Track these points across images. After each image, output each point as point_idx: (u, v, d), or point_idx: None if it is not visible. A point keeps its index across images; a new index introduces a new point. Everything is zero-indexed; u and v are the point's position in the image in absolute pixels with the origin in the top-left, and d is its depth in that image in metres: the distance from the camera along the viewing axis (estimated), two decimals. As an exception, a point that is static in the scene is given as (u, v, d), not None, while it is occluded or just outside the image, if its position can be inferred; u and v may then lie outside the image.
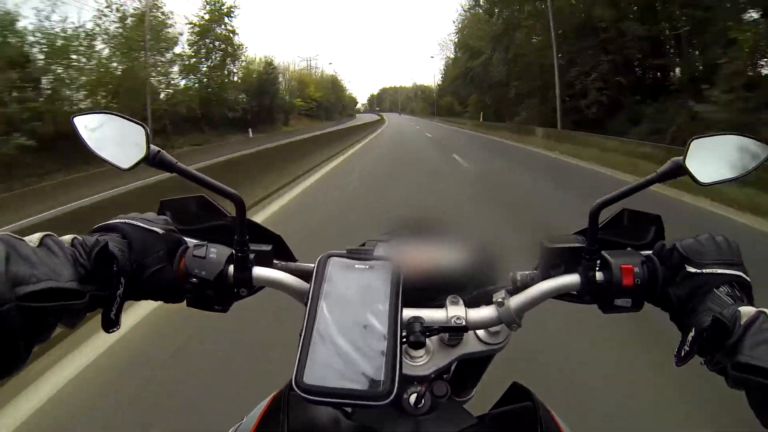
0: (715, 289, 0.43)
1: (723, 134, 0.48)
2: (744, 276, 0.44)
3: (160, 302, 0.49)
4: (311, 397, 0.36)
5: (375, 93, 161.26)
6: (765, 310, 0.39)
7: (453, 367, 0.55)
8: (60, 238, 0.40)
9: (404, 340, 0.43)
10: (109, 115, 0.48)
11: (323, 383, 0.36)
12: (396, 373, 0.37)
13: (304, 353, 0.37)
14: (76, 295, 0.37)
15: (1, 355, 0.32)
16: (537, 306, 0.49)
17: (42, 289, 0.34)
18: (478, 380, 0.58)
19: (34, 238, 0.38)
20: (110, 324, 0.42)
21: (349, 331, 0.39)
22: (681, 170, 0.45)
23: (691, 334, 0.42)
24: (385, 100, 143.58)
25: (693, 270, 0.45)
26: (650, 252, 0.49)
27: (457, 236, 0.52)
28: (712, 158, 0.47)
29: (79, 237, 0.41)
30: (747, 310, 0.39)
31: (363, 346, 0.38)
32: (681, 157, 0.45)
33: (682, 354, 0.43)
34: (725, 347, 0.39)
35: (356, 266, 0.44)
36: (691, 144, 0.46)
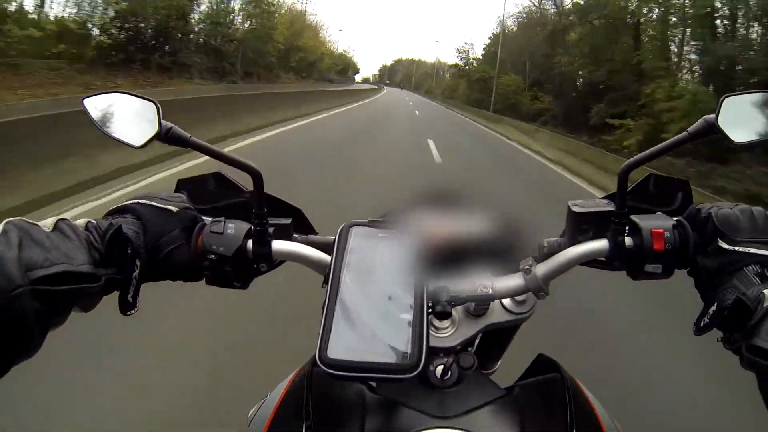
0: (744, 268, 0.42)
1: (756, 92, 0.46)
2: None
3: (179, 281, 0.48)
4: (336, 372, 0.34)
5: (388, 64, 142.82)
6: None
7: (478, 339, 0.54)
8: (74, 222, 0.40)
9: (430, 310, 0.42)
10: (119, 94, 0.48)
11: (348, 357, 0.35)
12: (423, 345, 0.35)
13: (328, 327, 0.36)
14: (90, 278, 0.37)
15: (16, 339, 0.32)
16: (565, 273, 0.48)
17: (56, 272, 0.34)
18: (503, 352, 0.57)
19: (47, 223, 0.37)
20: (127, 307, 0.42)
21: (373, 303, 0.38)
22: (713, 129, 0.44)
23: (713, 308, 0.42)
24: (398, 73, 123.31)
25: (725, 246, 0.43)
26: (681, 217, 0.47)
27: (481, 206, 0.51)
28: (745, 116, 0.46)
29: (93, 220, 0.41)
30: None
31: (388, 317, 0.37)
32: (713, 115, 0.44)
33: (701, 324, 0.42)
34: (744, 328, 0.38)
35: (379, 235, 0.43)
36: (723, 102, 0.44)
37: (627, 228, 0.47)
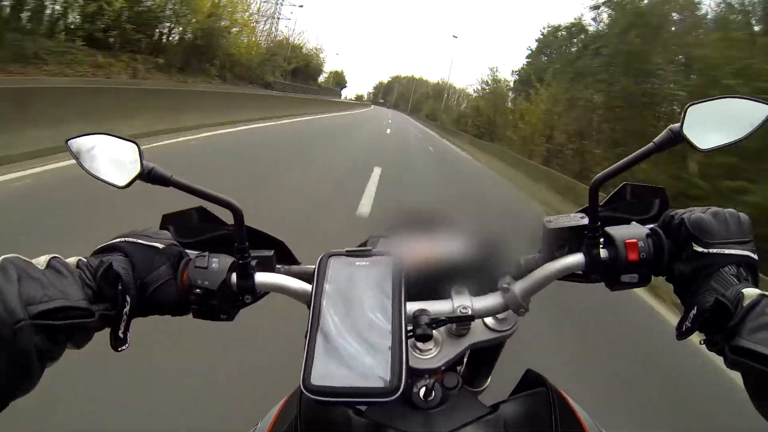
0: (720, 269, 0.43)
1: (719, 98, 0.47)
2: (751, 255, 0.44)
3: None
4: (319, 398, 0.35)
5: (385, 81, 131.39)
6: None
7: (466, 358, 0.54)
8: (65, 260, 0.41)
9: (411, 333, 0.42)
10: (102, 135, 0.49)
11: (330, 383, 0.36)
12: (402, 368, 0.36)
13: (310, 355, 0.37)
14: (86, 313, 0.38)
15: (17, 373, 0.33)
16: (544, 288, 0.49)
17: (55, 307, 0.35)
18: (491, 369, 0.58)
19: (41, 261, 0.38)
20: (119, 342, 0.43)
21: (353, 329, 0.39)
22: (679, 138, 0.44)
23: (693, 312, 0.42)
24: (393, 92, 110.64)
25: (699, 249, 0.44)
26: (655, 225, 0.48)
27: (459, 226, 0.52)
28: (710, 123, 0.46)
29: (83, 258, 0.42)
30: (750, 293, 0.39)
31: (368, 342, 0.38)
32: (678, 125, 0.44)
33: (683, 329, 0.43)
34: (726, 329, 0.39)
35: (357, 263, 0.44)
36: (688, 110, 0.45)
37: (602, 240, 0.48)
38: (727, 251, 0.43)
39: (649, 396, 2.29)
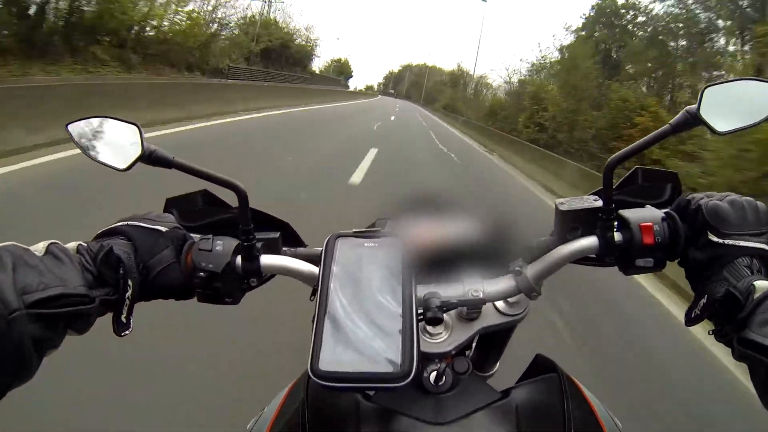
0: (734, 260, 0.42)
1: (737, 80, 0.46)
2: (766, 248, 0.43)
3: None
4: (328, 384, 0.35)
5: (396, 70, 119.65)
6: None
7: (475, 342, 0.54)
8: (65, 245, 0.40)
9: (421, 317, 0.42)
10: (102, 118, 0.48)
11: (339, 368, 0.35)
12: (414, 352, 0.35)
13: (318, 339, 0.36)
14: (85, 300, 0.37)
15: (13, 363, 0.33)
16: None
17: (51, 295, 0.34)
18: (500, 354, 0.57)
19: (39, 247, 0.38)
20: (122, 327, 0.42)
21: (362, 312, 0.38)
22: (696, 120, 0.44)
23: (704, 300, 0.42)
24: (404, 81, 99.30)
25: (715, 239, 0.43)
26: (670, 209, 0.47)
27: (469, 209, 0.51)
28: (727, 106, 0.45)
29: (83, 243, 0.42)
30: (762, 285, 0.39)
31: (378, 326, 0.37)
32: (694, 106, 0.43)
33: (692, 315, 0.43)
34: (735, 320, 0.39)
35: (365, 245, 0.43)
36: (704, 92, 0.44)
37: (616, 223, 0.47)
38: (742, 243, 0.43)
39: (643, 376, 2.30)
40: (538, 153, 10.42)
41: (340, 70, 65.36)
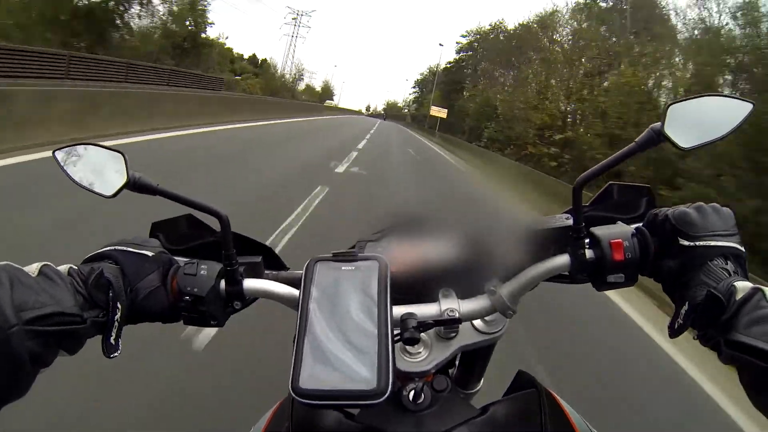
0: (708, 262, 0.42)
1: (700, 96, 0.47)
2: (738, 247, 0.43)
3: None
4: (308, 401, 0.36)
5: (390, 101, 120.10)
6: (761, 287, 0.38)
7: (458, 360, 0.54)
8: (56, 267, 0.41)
9: (398, 337, 0.42)
10: (88, 145, 0.49)
11: (318, 386, 0.36)
12: (389, 370, 0.36)
13: (298, 358, 0.37)
14: (77, 320, 0.38)
15: (10, 378, 0.34)
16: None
17: (47, 313, 0.35)
18: (483, 371, 0.58)
19: (32, 268, 0.39)
20: (111, 349, 0.43)
21: (340, 333, 0.39)
22: (660, 137, 0.44)
23: (685, 307, 0.41)
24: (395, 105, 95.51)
25: (685, 243, 0.44)
26: (641, 224, 0.48)
27: (446, 229, 0.52)
28: (692, 122, 0.46)
29: (74, 266, 0.43)
30: (742, 286, 0.39)
31: (355, 346, 0.38)
32: (659, 124, 0.45)
33: (675, 326, 0.42)
34: (719, 323, 0.38)
35: (343, 268, 0.44)
36: (668, 109, 0.45)
37: (588, 241, 0.48)
38: (713, 243, 0.43)
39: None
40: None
41: (321, 94, 69.17)
